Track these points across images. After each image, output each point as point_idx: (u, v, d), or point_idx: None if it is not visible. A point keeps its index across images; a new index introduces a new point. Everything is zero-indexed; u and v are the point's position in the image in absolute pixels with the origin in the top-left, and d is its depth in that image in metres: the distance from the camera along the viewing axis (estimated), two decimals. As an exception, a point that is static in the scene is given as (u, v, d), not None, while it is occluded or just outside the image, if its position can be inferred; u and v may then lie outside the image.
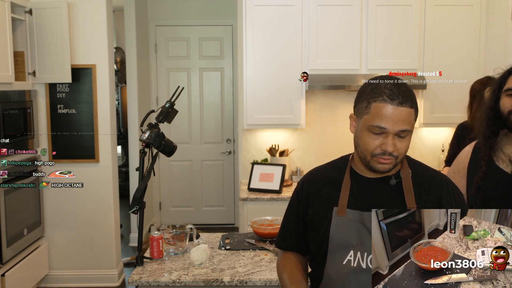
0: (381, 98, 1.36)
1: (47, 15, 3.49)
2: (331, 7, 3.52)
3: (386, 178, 1.46)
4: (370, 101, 1.38)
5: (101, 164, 3.82)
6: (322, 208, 1.50)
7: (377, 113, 1.36)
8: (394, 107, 1.35)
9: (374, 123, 1.36)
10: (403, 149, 1.40)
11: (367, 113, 1.38)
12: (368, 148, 1.39)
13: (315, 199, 1.53)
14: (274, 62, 3.56)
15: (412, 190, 1.44)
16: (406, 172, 1.46)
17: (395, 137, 1.37)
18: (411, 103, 1.38)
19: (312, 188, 1.55)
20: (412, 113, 1.38)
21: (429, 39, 3.55)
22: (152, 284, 2.03)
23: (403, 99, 1.35)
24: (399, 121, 1.35)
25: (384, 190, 1.46)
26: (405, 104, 1.36)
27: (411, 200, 1.43)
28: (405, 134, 1.38)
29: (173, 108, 2.36)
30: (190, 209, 5.50)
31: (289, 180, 3.77)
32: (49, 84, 3.73)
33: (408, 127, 1.37)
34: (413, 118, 1.39)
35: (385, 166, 1.40)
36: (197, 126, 5.40)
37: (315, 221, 1.52)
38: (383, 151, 1.37)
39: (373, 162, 1.40)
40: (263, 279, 2.02)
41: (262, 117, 3.59)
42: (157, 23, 5.27)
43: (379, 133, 1.37)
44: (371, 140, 1.38)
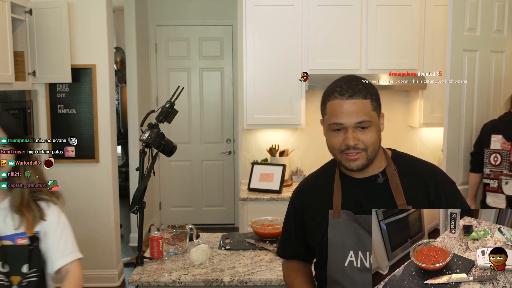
0: (332, 96, 1.41)
1: (47, 15, 3.49)
2: (331, 7, 3.52)
3: (373, 177, 1.47)
4: (325, 101, 1.44)
5: (101, 164, 3.82)
6: (318, 213, 1.51)
7: (331, 111, 1.41)
8: (345, 101, 1.39)
9: (331, 121, 1.41)
10: (369, 140, 1.40)
11: (325, 113, 1.44)
12: (334, 146, 1.43)
13: (311, 206, 1.55)
14: (274, 62, 3.56)
15: (400, 186, 1.44)
16: (390, 168, 1.47)
17: (356, 130, 1.39)
18: (364, 94, 1.40)
19: (306, 196, 1.58)
20: (367, 104, 1.40)
21: (429, 39, 3.55)
22: (152, 284, 2.03)
23: (353, 92, 1.39)
24: (353, 113, 1.38)
25: (373, 189, 1.46)
26: (355, 96, 1.38)
27: (399, 196, 1.43)
28: (366, 125, 1.39)
29: (173, 108, 2.36)
30: (190, 209, 5.50)
31: (289, 180, 3.77)
32: (49, 84, 3.73)
33: (365, 117, 1.39)
34: (369, 109, 1.40)
35: (356, 163, 1.41)
36: (197, 126, 5.40)
37: (313, 227, 1.54)
38: (346, 145, 1.39)
39: (344, 161, 1.43)
40: (263, 279, 2.02)
41: (262, 117, 3.59)
42: (157, 23, 5.27)
43: (339, 130, 1.40)
44: (334, 138, 1.42)
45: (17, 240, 1.57)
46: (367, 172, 1.46)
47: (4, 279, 1.52)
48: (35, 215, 1.60)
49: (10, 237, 1.57)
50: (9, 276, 1.53)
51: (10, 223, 1.59)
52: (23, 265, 1.56)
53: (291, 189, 3.58)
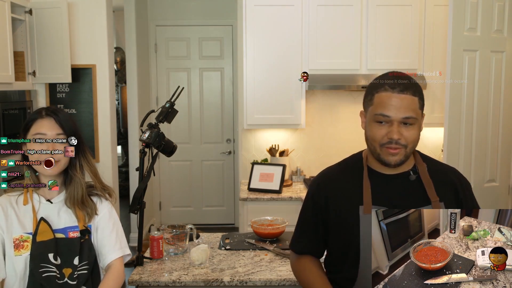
0: (382, 88, 1.41)
1: (47, 15, 3.49)
2: (331, 7, 3.52)
3: (404, 173, 1.48)
4: (373, 92, 1.44)
5: (101, 164, 3.82)
6: (344, 208, 1.48)
7: (379, 102, 1.41)
8: (396, 94, 1.39)
9: (377, 111, 1.40)
10: (411, 137, 1.41)
11: (371, 104, 1.43)
12: (375, 138, 1.42)
13: (335, 200, 1.51)
14: (274, 62, 3.56)
15: (432, 183, 1.46)
16: (422, 166, 1.49)
17: (400, 125, 1.40)
18: (414, 91, 1.41)
19: (329, 190, 1.53)
20: (415, 101, 1.41)
21: (429, 39, 3.55)
22: (152, 284, 2.03)
23: (404, 87, 1.39)
24: (402, 108, 1.38)
25: (403, 186, 1.47)
26: (406, 92, 1.39)
27: (432, 192, 1.45)
28: (411, 122, 1.40)
29: (173, 108, 2.36)
30: (190, 209, 5.50)
31: (289, 180, 3.77)
32: (49, 84, 3.73)
33: (412, 114, 1.40)
34: (417, 106, 1.42)
35: (395, 158, 1.41)
36: (197, 126, 5.40)
37: (337, 223, 1.51)
38: (389, 139, 1.39)
39: (383, 154, 1.42)
40: (263, 279, 2.02)
41: (262, 117, 3.59)
42: (157, 23, 5.27)
43: (384, 122, 1.40)
44: (377, 130, 1.41)
45: (69, 233, 1.61)
46: (398, 169, 1.47)
47: (56, 271, 1.54)
48: (88, 209, 1.64)
49: (63, 230, 1.61)
50: (61, 268, 1.56)
51: (64, 217, 1.62)
52: (75, 258, 1.58)
53: (291, 189, 3.58)
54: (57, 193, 1.65)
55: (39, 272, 1.52)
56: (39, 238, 1.55)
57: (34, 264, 1.53)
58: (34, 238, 1.55)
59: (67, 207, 1.64)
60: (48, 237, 1.56)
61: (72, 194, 1.63)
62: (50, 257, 1.54)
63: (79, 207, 1.63)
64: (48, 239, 1.55)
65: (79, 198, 1.63)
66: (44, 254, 1.54)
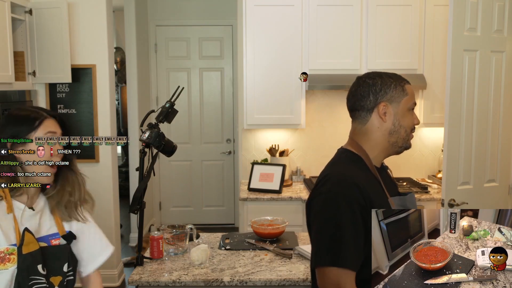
0: (405, 81, 1.55)
1: (47, 15, 3.49)
2: (331, 7, 3.52)
3: (383, 166, 1.62)
4: (401, 84, 1.54)
5: (101, 164, 3.82)
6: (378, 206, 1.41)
7: (411, 93, 1.55)
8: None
9: (413, 100, 1.55)
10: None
11: (406, 94, 1.53)
12: (409, 125, 1.54)
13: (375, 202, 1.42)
14: (274, 62, 3.56)
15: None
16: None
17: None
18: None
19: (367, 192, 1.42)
20: None
21: (429, 39, 3.55)
22: (152, 284, 2.03)
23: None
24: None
25: (387, 176, 1.62)
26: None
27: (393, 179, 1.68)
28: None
29: (173, 108, 2.36)
30: (190, 209, 5.50)
31: (289, 180, 3.77)
32: (49, 84, 3.73)
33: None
34: None
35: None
36: (197, 126, 5.40)
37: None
38: (415, 124, 1.56)
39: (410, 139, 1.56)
40: (263, 279, 2.02)
41: (262, 117, 3.59)
42: (157, 23, 5.27)
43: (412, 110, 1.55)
44: (411, 117, 1.55)
45: (51, 241, 1.54)
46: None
47: (45, 282, 1.48)
48: (65, 215, 1.58)
49: (45, 238, 1.53)
50: (48, 278, 1.49)
51: (44, 224, 1.55)
52: (64, 265, 1.53)
53: (291, 189, 3.58)
54: (37, 198, 1.56)
55: (28, 286, 1.44)
56: (25, 250, 1.44)
57: (22, 277, 1.44)
58: (19, 250, 1.44)
59: (47, 214, 1.56)
60: (34, 248, 1.46)
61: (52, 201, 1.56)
62: (39, 268, 1.46)
63: (56, 213, 1.56)
64: (34, 250, 1.46)
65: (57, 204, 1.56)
66: (33, 266, 1.45)
